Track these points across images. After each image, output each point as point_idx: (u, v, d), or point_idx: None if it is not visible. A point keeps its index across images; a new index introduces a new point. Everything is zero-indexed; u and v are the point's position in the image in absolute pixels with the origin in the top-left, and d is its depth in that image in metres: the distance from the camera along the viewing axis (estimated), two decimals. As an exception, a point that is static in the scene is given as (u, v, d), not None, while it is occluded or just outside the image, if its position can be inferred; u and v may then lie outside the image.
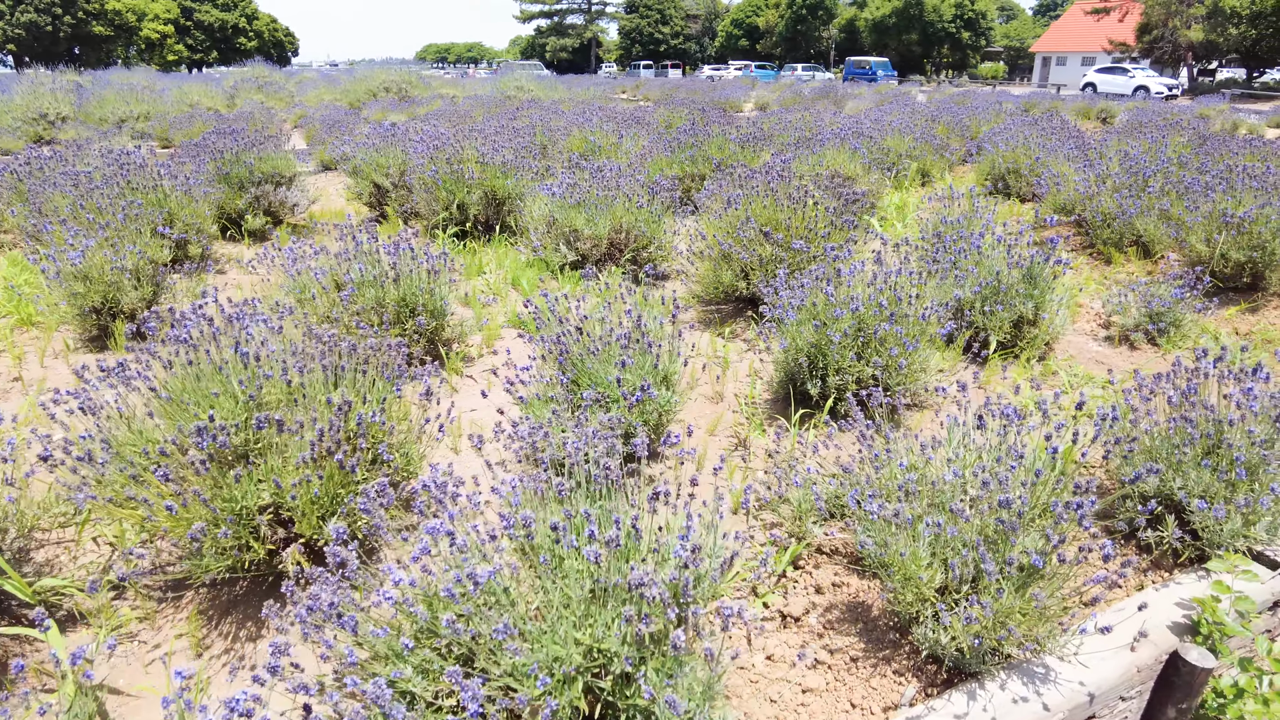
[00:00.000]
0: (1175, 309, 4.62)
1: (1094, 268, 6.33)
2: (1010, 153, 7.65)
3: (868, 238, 5.35)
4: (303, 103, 19.20)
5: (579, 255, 5.60)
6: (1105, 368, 4.46)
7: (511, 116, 11.63)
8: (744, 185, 4.98)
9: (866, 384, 3.71)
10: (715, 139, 7.47)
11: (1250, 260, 5.30)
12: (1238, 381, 3.03)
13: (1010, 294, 4.29)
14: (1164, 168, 6.44)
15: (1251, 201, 5.34)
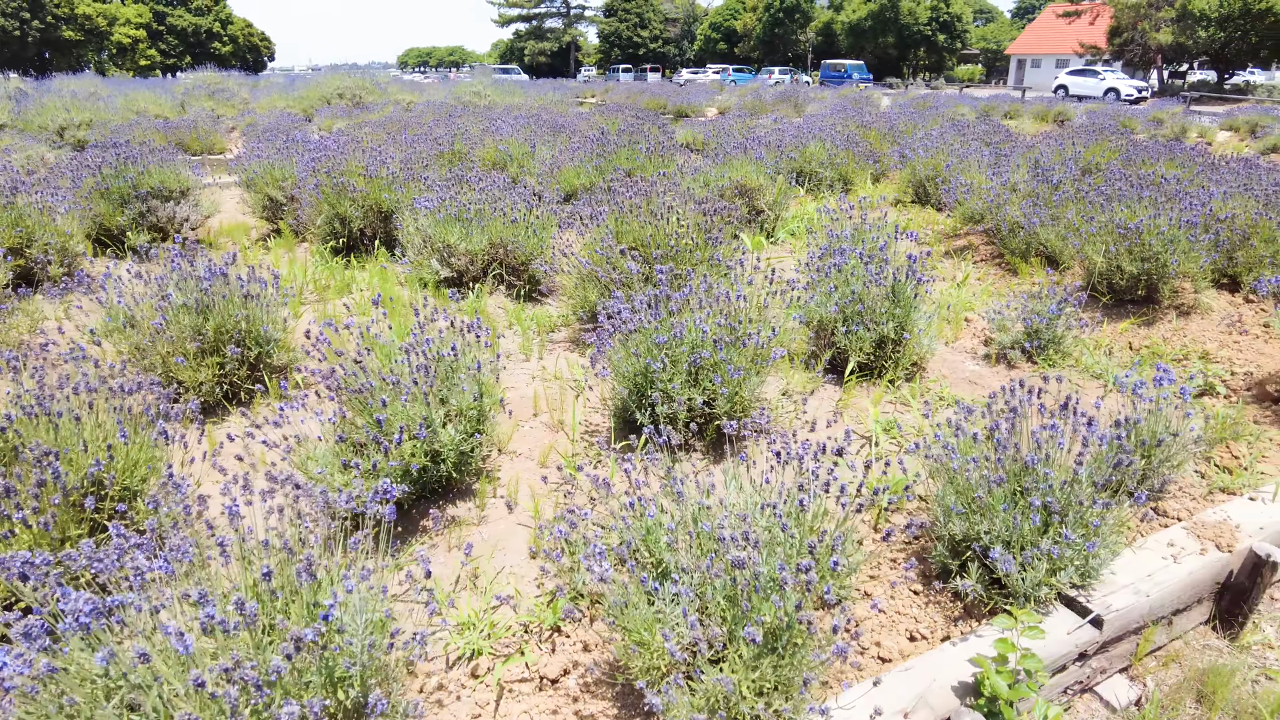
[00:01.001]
0: (1053, 325, 4.43)
1: (1001, 279, 6.16)
2: (930, 160, 7.48)
3: (739, 255, 5.14)
4: (255, 110, 18.87)
5: (454, 272, 5.37)
6: (978, 389, 4.27)
7: (447, 123, 11.39)
8: (614, 199, 4.77)
9: (699, 413, 3.50)
10: (625, 149, 7.27)
11: (1144, 272, 5.14)
12: (1063, 414, 2.84)
13: (871, 313, 4.09)
14: (1072, 176, 6.28)
15: (1144, 212, 5.18)
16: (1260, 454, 3.69)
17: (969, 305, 5.39)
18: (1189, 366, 4.69)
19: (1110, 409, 3.69)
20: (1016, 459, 2.62)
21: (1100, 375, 4.36)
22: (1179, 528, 3.03)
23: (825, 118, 11.27)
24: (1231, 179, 6.10)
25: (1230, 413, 3.91)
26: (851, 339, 4.11)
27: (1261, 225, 5.41)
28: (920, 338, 4.18)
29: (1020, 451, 2.63)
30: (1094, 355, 4.76)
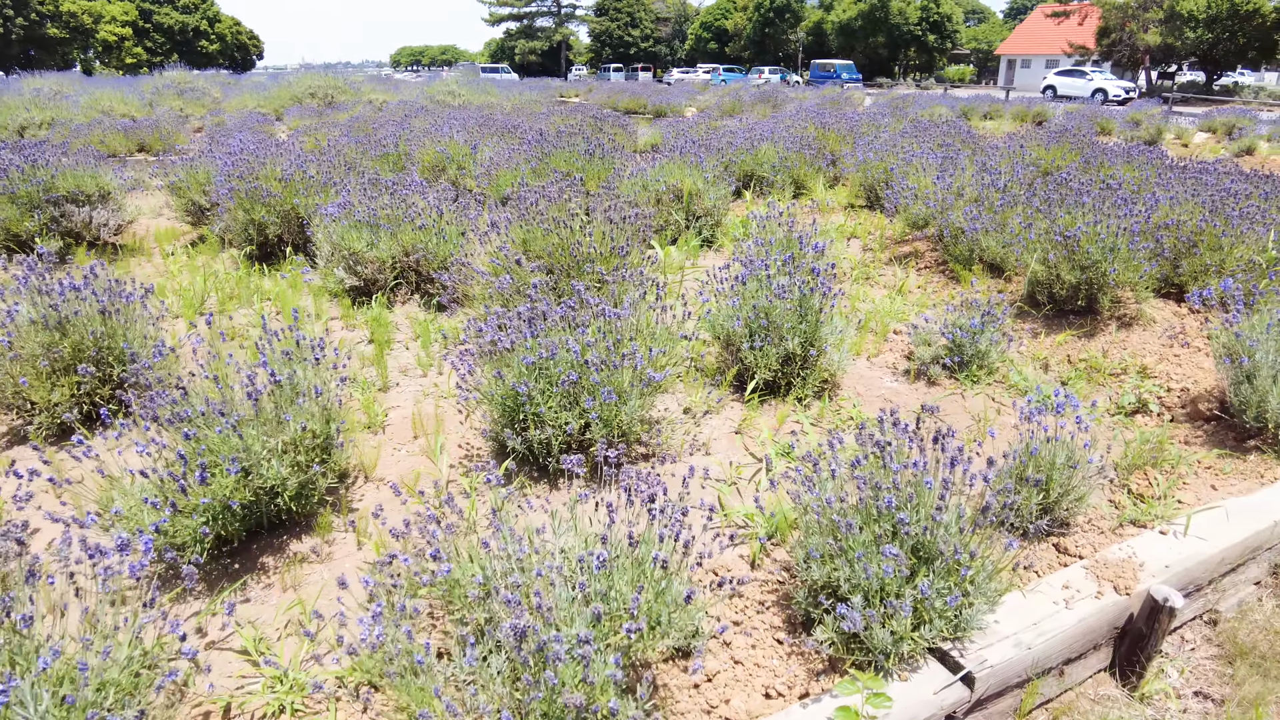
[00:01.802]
0: (977, 339, 4.19)
1: (944, 287, 5.92)
2: (879, 163, 7.25)
3: (653, 266, 4.89)
4: (224, 109, 18.56)
5: (362, 280, 5.11)
6: (893, 407, 4.02)
7: (401, 124, 11.12)
8: (520, 206, 4.51)
9: (575, 439, 3.25)
10: (563, 151, 7.01)
11: (1083, 281, 4.90)
12: (935, 447, 2.59)
13: (776, 328, 3.84)
14: (1019, 180, 6.05)
15: (1085, 218, 4.94)
16: (1180, 480, 3.45)
17: (902, 316, 5.15)
18: (1125, 382, 4.46)
19: (1026, 433, 3.46)
20: (878, 499, 2.38)
21: (1027, 392, 4.12)
22: (1079, 567, 2.79)
23: (786, 119, 11.04)
24: (1182, 184, 5.87)
25: (1153, 435, 3.68)
26: (756, 355, 3.87)
27: (1207, 232, 5.18)
28: (831, 354, 3.94)
29: (893, 491, 2.39)
30: (1026, 370, 4.53)
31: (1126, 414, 4.18)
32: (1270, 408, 3.59)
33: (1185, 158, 13.70)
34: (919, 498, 2.34)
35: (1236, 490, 3.42)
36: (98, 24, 56.93)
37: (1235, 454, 3.72)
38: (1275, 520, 3.09)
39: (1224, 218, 5.18)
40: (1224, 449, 3.76)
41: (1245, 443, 3.78)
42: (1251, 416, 3.68)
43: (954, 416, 3.91)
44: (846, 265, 6.34)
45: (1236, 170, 7.40)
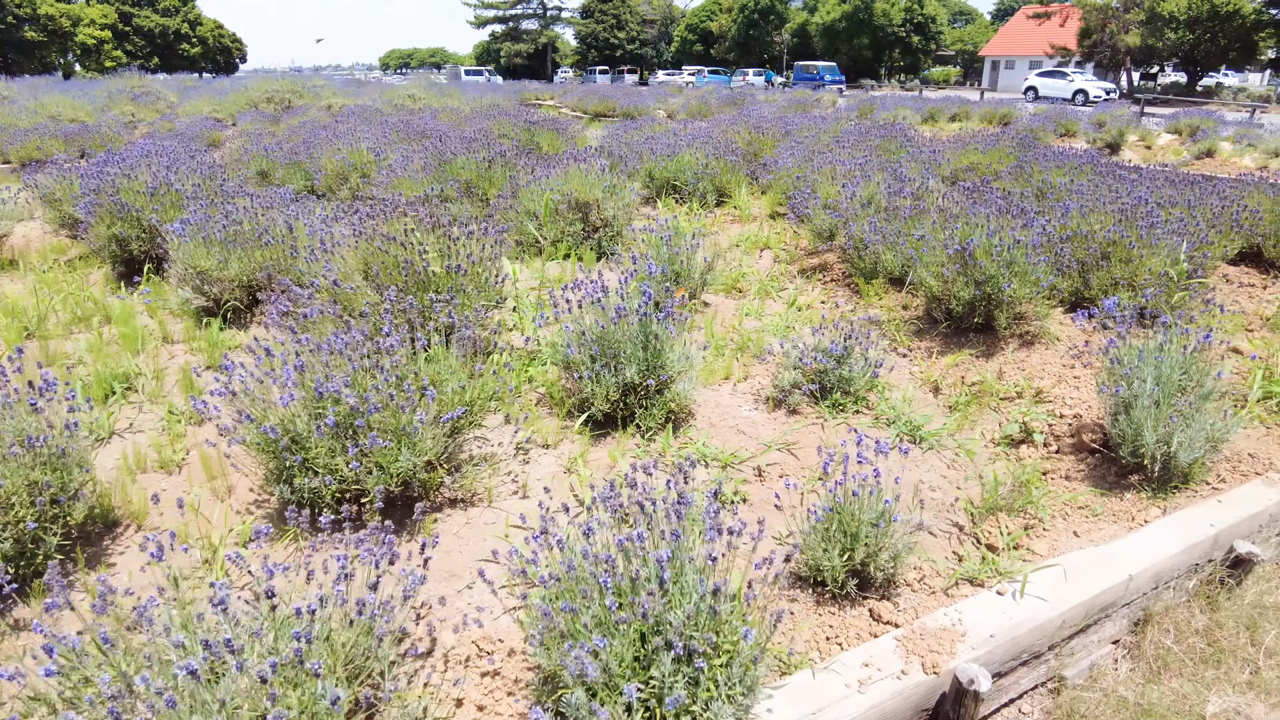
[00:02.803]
0: (843, 364, 3.85)
1: (848, 301, 5.58)
2: (795, 169, 6.91)
3: (501, 282, 4.52)
4: (178, 114, 18.17)
5: (210, 300, 4.75)
6: (746, 439, 3.68)
7: (332, 129, 10.75)
8: (354, 222, 4.16)
9: (350, 486, 2.89)
10: (460, 158, 6.65)
11: (979, 298, 4.57)
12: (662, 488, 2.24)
13: (616, 355, 3.50)
14: (929, 189, 5.72)
15: (980, 230, 4.61)
16: (1041, 526, 3.11)
17: (785, 331, 4.80)
18: (1017, 407, 4.13)
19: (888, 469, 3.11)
20: (613, 572, 2.02)
21: (895, 422, 3.78)
22: (890, 638, 2.44)
23: (723, 124, 10.70)
24: (1097, 191, 5.55)
25: (1016, 474, 3.34)
26: (593, 384, 3.52)
27: (1118, 243, 4.85)
28: (679, 382, 3.59)
29: (627, 564, 2.04)
30: (910, 394, 4.18)
31: (1010, 444, 3.84)
32: (1146, 442, 3.25)
33: (1135, 161, 13.41)
34: (675, 572, 1.99)
35: (1101, 536, 3.08)
36: (76, 27, 56.39)
37: (1112, 493, 3.38)
38: (1130, 575, 2.75)
39: (1135, 227, 4.85)
40: (1102, 487, 3.43)
41: (1125, 479, 3.45)
42: (1128, 451, 3.34)
43: (806, 452, 3.57)
44: (753, 278, 6.00)
45: (1173, 175, 7.09)
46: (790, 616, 2.54)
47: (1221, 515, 3.12)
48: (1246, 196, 6.37)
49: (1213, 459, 3.55)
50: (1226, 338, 4.95)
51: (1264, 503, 3.23)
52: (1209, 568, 3.04)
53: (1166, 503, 3.27)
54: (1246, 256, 6.60)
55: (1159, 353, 3.36)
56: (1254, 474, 3.49)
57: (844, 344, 3.78)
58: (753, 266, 6.32)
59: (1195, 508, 3.18)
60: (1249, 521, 3.15)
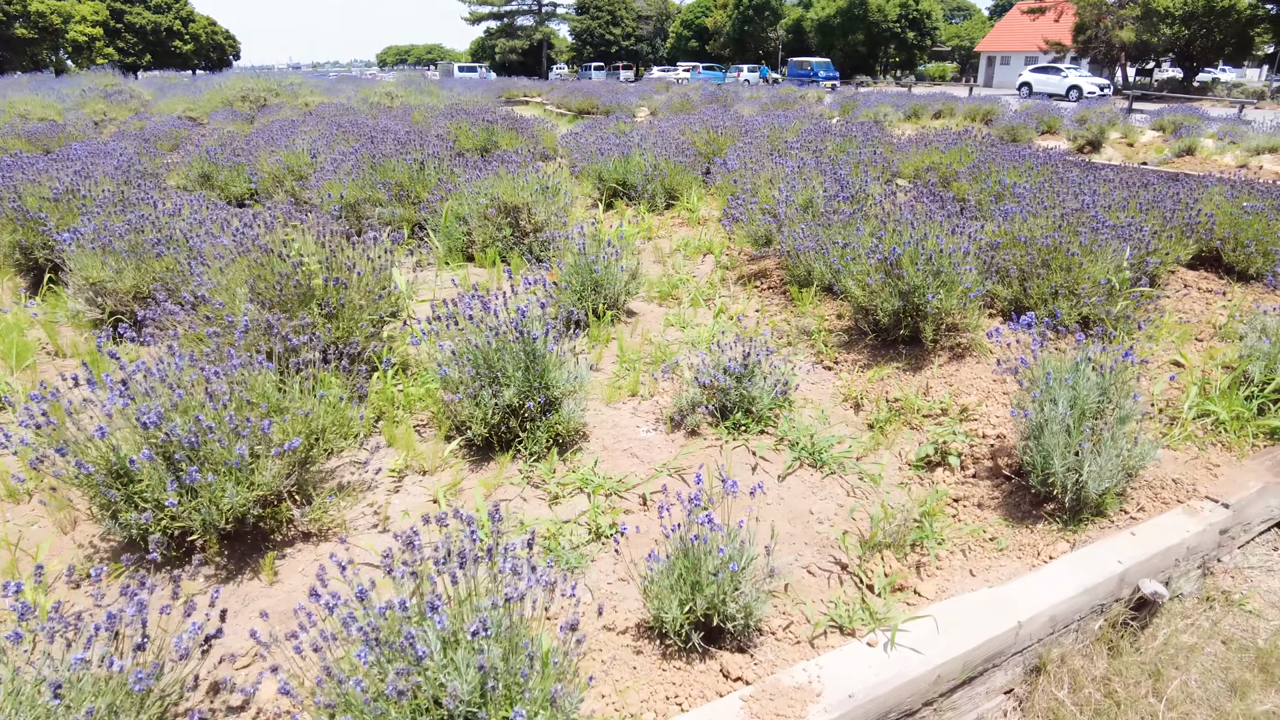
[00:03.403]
0: (743, 384, 3.61)
1: (782, 310, 5.34)
2: (740, 171, 6.67)
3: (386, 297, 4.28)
4: (150, 113, 17.91)
5: (104, 312, 4.52)
6: (639, 463, 3.45)
7: (289, 129, 10.51)
8: (236, 236, 3.92)
9: (180, 523, 2.66)
10: (391, 160, 6.41)
11: (904, 308, 4.33)
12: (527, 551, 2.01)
13: (497, 373, 3.26)
14: (865, 193, 5.47)
15: (905, 236, 4.37)
16: (934, 564, 2.88)
17: (709, 343, 4.56)
18: (941, 425, 3.89)
19: (777, 497, 2.88)
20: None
21: (798, 444, 3.54)
22: (736, 697, 2.21)
23: (687, 122, 10.45)
24: (1038, 194, 5.30)
25: (907, 507, 3.10)
26: (472, 406, 3.29)
27: (1058, 250, 4.61)
28: (565, 402, 3.36)
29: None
30: (824, 413, 3.95)
31: (926, 466, 3.61)
32: (1055, 471, 3.02)
33: (1116, 159, 13.13)
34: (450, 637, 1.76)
35: (1000, 574, 2.85)
36: (67, 24, 56.07)
37: (1023, 524, 3.15)
38: (1019, 621, 2.52)
39: (1075, 233, 4.61)
40: (1014, 517, 3.20)
41: (1040, 508, 3.21)
42: (1038, 480, 3.11)
43: (695, 485, 3.33)
44: (690, 285, 5.76)
45: (1133, 175, 6.85)
46: (633, 672, 2.31)
47: (1132, 550, 2.88)
48: (1204, 199, 6.13)
49: (1133, 485, 3.32)
50: (1172, 348, 4.72)
51: (1180, 534, 3.00)
52: (1115, 608, 2.81)
53: (1077, 535, 3.04)
54: (1207, 261, 6.36)
55: (1070, 373, 3.13)
56: (1176, 501, 3.25)
57: (743, 362, 3.54)
58: (693, 272, 6.09)
59: (1105, 542, 2.94)
60: (1161, 556, 2.92)
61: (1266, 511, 3.45)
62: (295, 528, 3.00)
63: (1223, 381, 4.00)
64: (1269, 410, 3.87)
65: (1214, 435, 3.78)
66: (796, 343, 4.87)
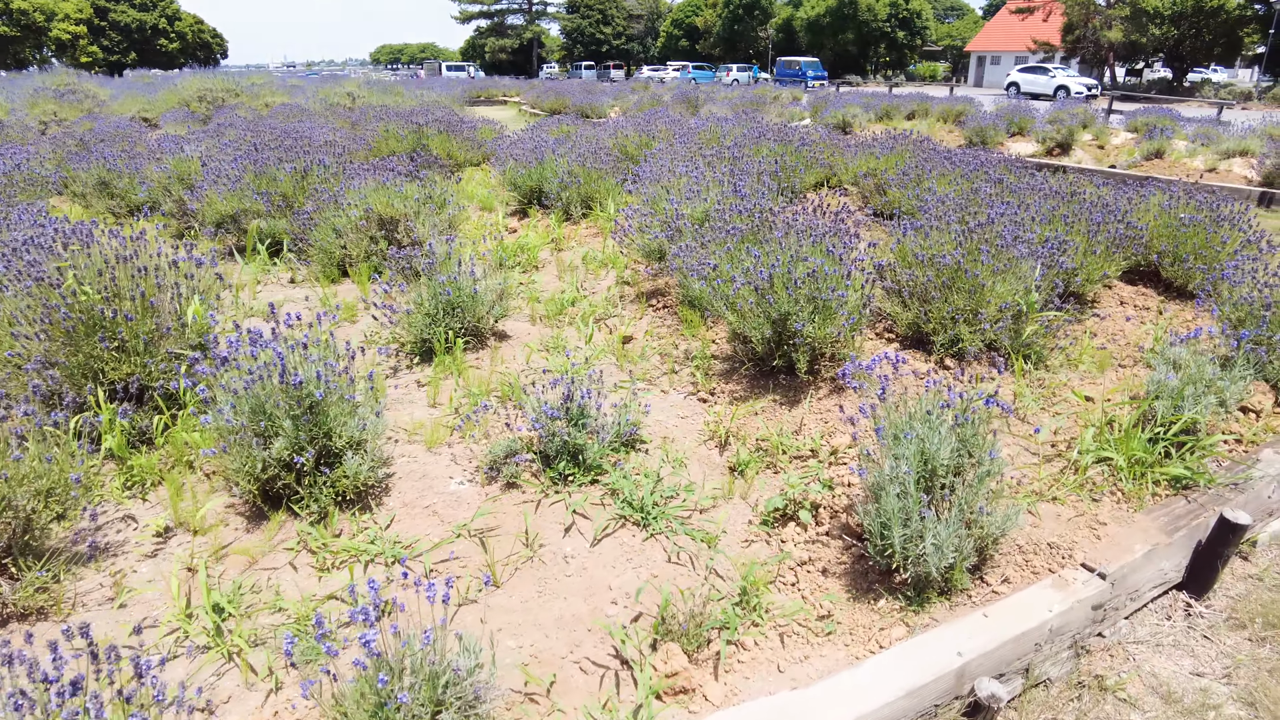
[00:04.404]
0: (572, 426, 3.17)
1: (672, 333, 4.90)
2: (650, 180, 6.22)
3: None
4: (102, 114, 17.44)
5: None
6: (439, 522, 3.00)
7: (216, 133, 10.05)
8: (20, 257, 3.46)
9: None
10: (273, 168, 5.96)
11: (782, 335, 3.89)
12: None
13: (277, 421, 2.82)
14: (762, 205, 5.03)
15: (783, 255, 3.93)
16: (740, 653, 2.44)
17: (582, 370, 4.11)
18: (808, 469, 3.45)
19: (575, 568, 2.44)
20: None
21: (628, 498, 3.09)
22: None
23: (632, 124, 9.99)
24: (951, 205, 4.86)
25: (732, 572, 2.66)
26: (241, 458, 2.84)
27: (960, 270, 4.17)
28: (348, 455, 2.92)
29: None
30: (681, 455, 3.51)
31: (778, 521, 3.17)
32: (893, 541, 2.58)
33: (1086, 162, 12.63)
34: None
35: (816, 669, 2.41)
36: (50, 22, 55.52)
37: (864, 598, 2.72)
38: (809, 741, 2.08)
39: (975, 251, 4.17)
40: (858, 588, 2.76)
41: (888, 579, 2.78)
42: (875, 550, 2.67)
43: (503, 541, 2.89)
44: (584, 303, 5.32)
45: (1061, 185, 6.42)
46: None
47: (981, 637, 2.45)
48: (1141, 209, 5.70)
49: (1001, 551, 2.88)
50: (1090, 377, 4.29)
51: (1041, 615, 2.56)
52: (949, 712, 2.37)
53: (920, 616, 2.60)
54: (1146, 275, 5.93)
55: (914, 425, 2.69)
56: (1048, 571, 2.82)
57: (563, 406, 3.09)
58: (593, 288, 5.65)
59: (949, 626, 2.51)
60: (1016, 643, 2.48)
61: (1159, 576, 3.02)
62: (23, 603, 2.55)
63: (1127, 420, 3.56)
64: (1174, 454, 3.44)
65: (1111, 484, 3.35)
66: (680, 369, 4.44)
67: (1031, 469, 3.42)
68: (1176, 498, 3.29)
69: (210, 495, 3.16)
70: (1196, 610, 3.10)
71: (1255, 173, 10.76)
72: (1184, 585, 3.16)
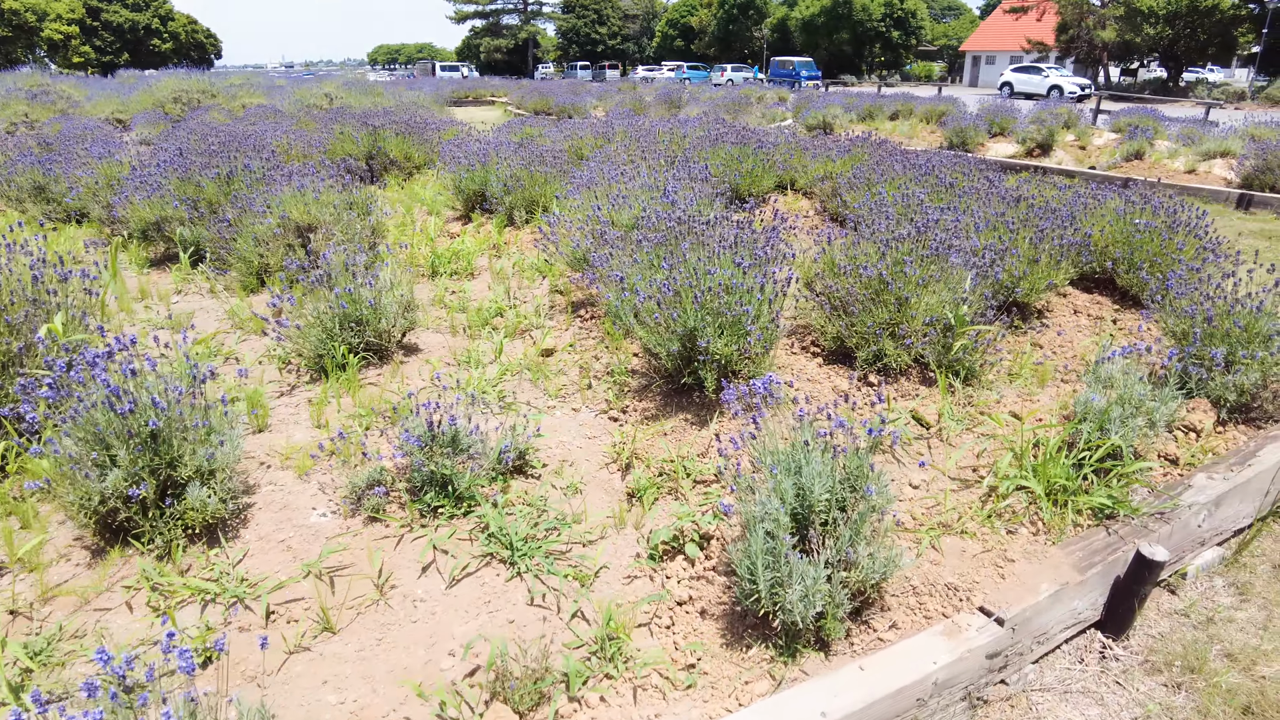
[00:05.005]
0: (440, 452, 2.95)
1: (599, 344, 4.68)
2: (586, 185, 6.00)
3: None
4: (74, 114, 17.23)
5: None
6: (291, 558, 2.78)
7: (167, 137, 9.82)
8: None
9: None
10: (197, 173, 5.74)
11: (685, 351, 3.67)
12: None
13: (132, 449, 2.60)
14: (695, 211, 4.81)
15: (684, 265, 3.71)
16: (584, 711, 2.21)
17: (493, 386, 3.90)
18: (709, 496, 3.23)
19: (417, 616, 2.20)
20: None
21: (499, 532, 2.87)
22: None
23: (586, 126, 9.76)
24: (902, 211, 4.64)
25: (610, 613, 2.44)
26: (75, 490, 2.63)
27: (881, 283, 3.95)
28: (190, 487, 2.70)
29: None
30: (577, 481, 3.30)
31: (665, 556, 2.95)
32: (760, 587, 2.35)
33: (1067, 163, 12.37)
34: None
35: (665, 731, 2.19)
36: (42, 22, 55.30)
37: (737, 646, 2.49)
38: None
39: (899, 262, 3.95)
40: (733, 633, 2.54)
41: (768, 623, 2.55)
42: (742, 594, 2.45)
43: (357, 582, 2.67)
44: (513, 314, 5.10)
45: (1014, 190, 6.20)
46: None
47: (850, 694, 2.22)
48: (1095, 215, 5.48)
49: (892, 593, 2.66)
50: (1027, 393, 4.07)
51: (925, 667, 2.33)
52: (810, 779, 2.14)
53: (790, 669, 2.37)
54: (1102, 283, 5.71)
55: (790, 457, 2.46)
56: (941, 615, 2.59)
57: (430, 433, 2.87)
58: (527, 296, 5.42)
59: (817, 682, 2.28)
60: (894, 699, 2.26)
61: (1070, 616, 2.80)
62: None
63: (1051, 443, 3.34)
64: (1098, 481, 3.22)
65: (1030, 513, 3.13)
66: (597, 385, 4.22)
67: (951, 495, 3.20)
68: (1097, 529, 3.06)
69: (59, 527, 2.94)
70: (1113, 652, 2.88)
71: (1235, 174, 10.54)
72: (1102, 624, 2.94)
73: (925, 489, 3.26)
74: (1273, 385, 3.95)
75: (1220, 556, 3.33)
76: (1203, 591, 3.16)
